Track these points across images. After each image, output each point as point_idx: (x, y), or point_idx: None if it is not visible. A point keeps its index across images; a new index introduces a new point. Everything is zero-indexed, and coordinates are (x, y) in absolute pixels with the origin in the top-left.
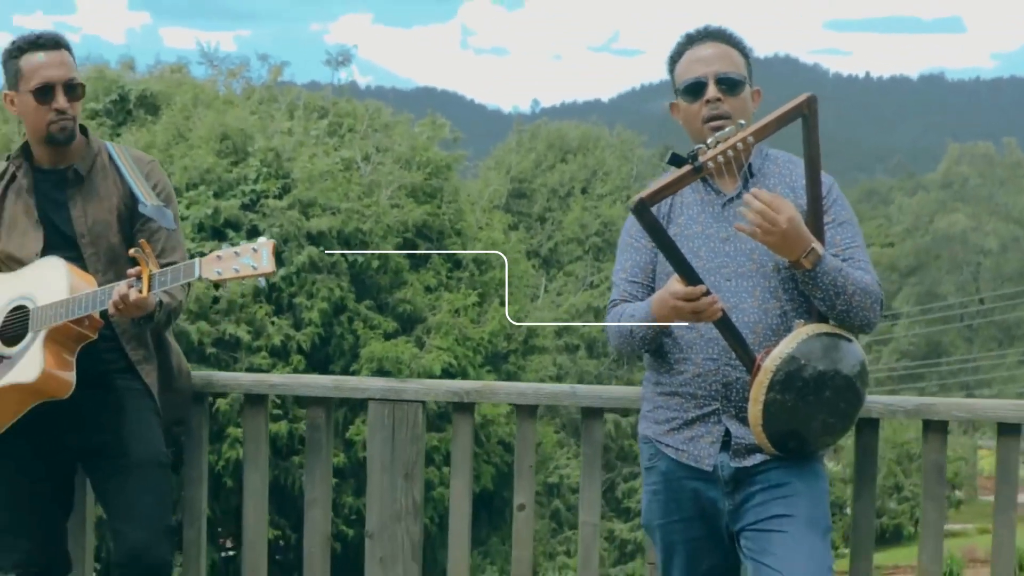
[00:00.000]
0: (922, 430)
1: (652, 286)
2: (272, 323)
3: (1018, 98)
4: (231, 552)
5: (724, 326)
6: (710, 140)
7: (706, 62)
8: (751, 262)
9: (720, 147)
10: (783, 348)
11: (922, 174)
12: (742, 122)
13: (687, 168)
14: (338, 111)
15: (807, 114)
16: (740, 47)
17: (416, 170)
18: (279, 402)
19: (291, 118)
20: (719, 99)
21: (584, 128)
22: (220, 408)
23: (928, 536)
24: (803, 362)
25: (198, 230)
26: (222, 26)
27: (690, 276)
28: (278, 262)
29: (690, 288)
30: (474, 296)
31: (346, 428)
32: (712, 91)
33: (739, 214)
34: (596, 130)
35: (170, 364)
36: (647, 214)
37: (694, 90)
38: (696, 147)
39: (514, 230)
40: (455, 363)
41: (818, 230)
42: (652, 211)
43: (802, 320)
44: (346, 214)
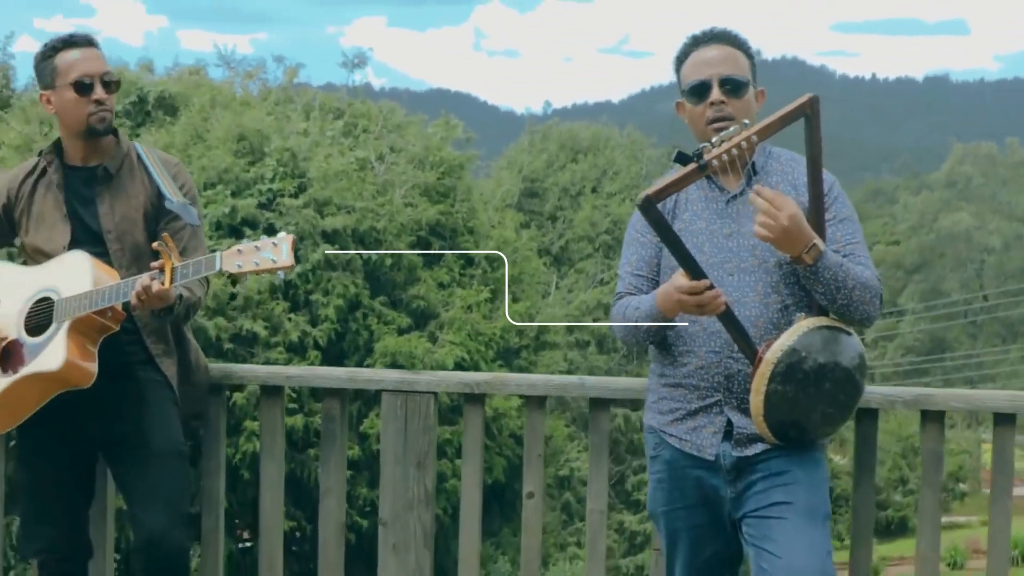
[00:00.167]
0: (920, 420)
1: (657, 279)
2: (289, 319)
3: (1021, 99)
4: (248, 543)
5: (727, 319)
6: (715, 139)
7: (711, 64)
8: (753, 257)
9: (724, 146)
10: (784, 341)
11: (926, 173)
12: (746, 121)
13: (692, 166)
14: (353, 112)
15: (809, 114)
16: (745, 49)
17: (429, 170)
18: (295, 396)
19: (307, 119)
20: (723, 101)
21: (595, 129)
22: (237, 402)
23: (926, 524)
24: (804, 354)
25: (216, 228)
26: (238, 29)
27: (694, 271)
28: (296, 258)
29: (694, 282)
30: (486, 292)
31: (360, 421)
32: (716, 93)
33: (743, 211)
34: (606, 130)
35: (188, 359)
36: (653, 210)
37: (699, 92)
38: (701, 146)
39: (526, 228)
40: (467, 358)
41: (819, 226)
42: (658, 208)
43: (803, 314)
44: (360, 213)
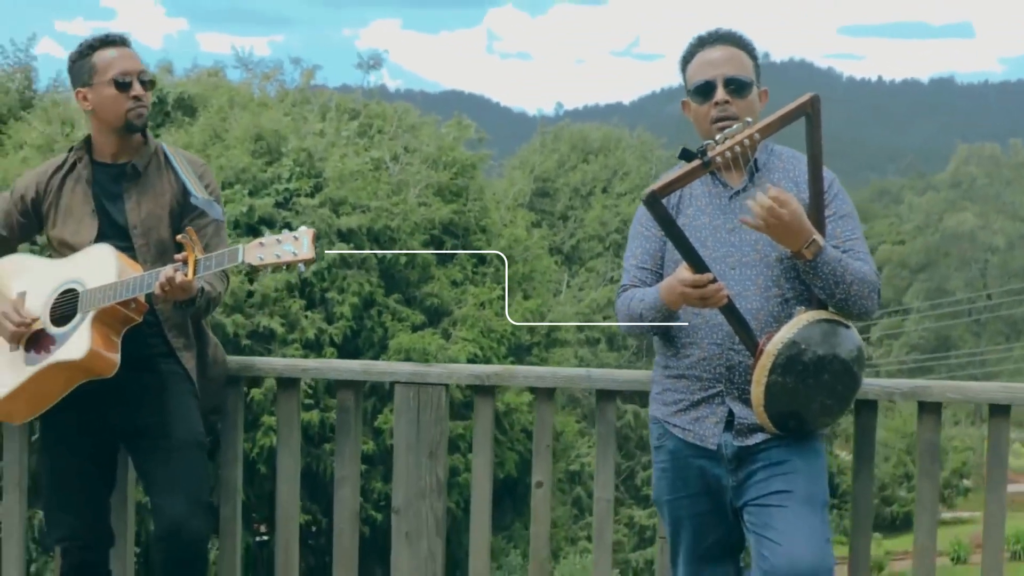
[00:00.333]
0: (917, 412)
1: (661, 272)
2: (305, 316)
3: None
4: (264, 537)
5: (729, 312)
6: (718, 136)
7: (715, 65)
8: (755, 252)
9: (728, 143)
10: (784, 333)
11: (932, 174)
12: (749, 119)
13: (696, 163)
14: (368, 113)
15: (810, 113)
16: (749, 49)
17: (443, 170)
18: (311, 392)
19: (323, 120)
20: (727, 101)
21: (605, 130)
22: (254, 398)
23: (924, 513)
24: (803, 347)
25: (233, 227)
26: (256, 31)
27: (697, 264)
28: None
29: (697, 275)
30: (498, 290)
31: (375, 417)
32: (720, 93)
33: (745, 207)
34: (617, 132)
35: (206, 353)
36: (658, 205)
37: (704, 91)
38: (705, 143)
39: (537, 227)
40: (480, 354)
41: (819, 223)
42: (662, 203)
43: (803, 307)
44: (375, 212)
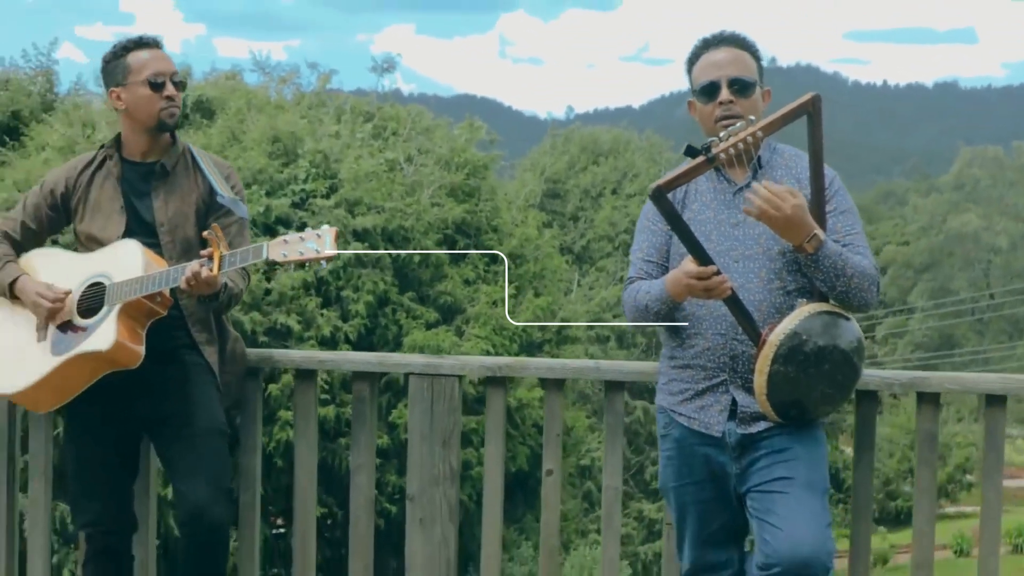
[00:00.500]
0: (916, 402)
1: (666, 265)
2: (321, 314)
3: None
4: (281, 529)
5: (733, 303)
6: (722, 134)
7: (719, 66)
8: (758, 246)
9: (731, 140)
10: (787, 324)
11: (936, 176)
12: (752, 118)
13: (701, 159)
14: (383, 115)
15: (811, 112)
16: (752, 51)
17: (455, 171)
18: (327, 387)
19: (338, 122)
20: (731, 100)
21: (615, 132)
22: (271, 393)
23: (922, 498)
24: (805, 337)
25: (251, 226)
26: (273, 36)
27: (702, 257)
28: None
29: (702, 268)
30: (511, 289)
31: (389, 412)
32: (725, 93)
33: (747, 199)
34: (627, 134)
35: (226, 348)
36: (663, 200)
37: (708, 92)
38: (709, 140)
39: (548, 227)
40: (492, 351)
41: (820, 218)
42: (668, 197)
43: (804, 299)
44: (390, 212)
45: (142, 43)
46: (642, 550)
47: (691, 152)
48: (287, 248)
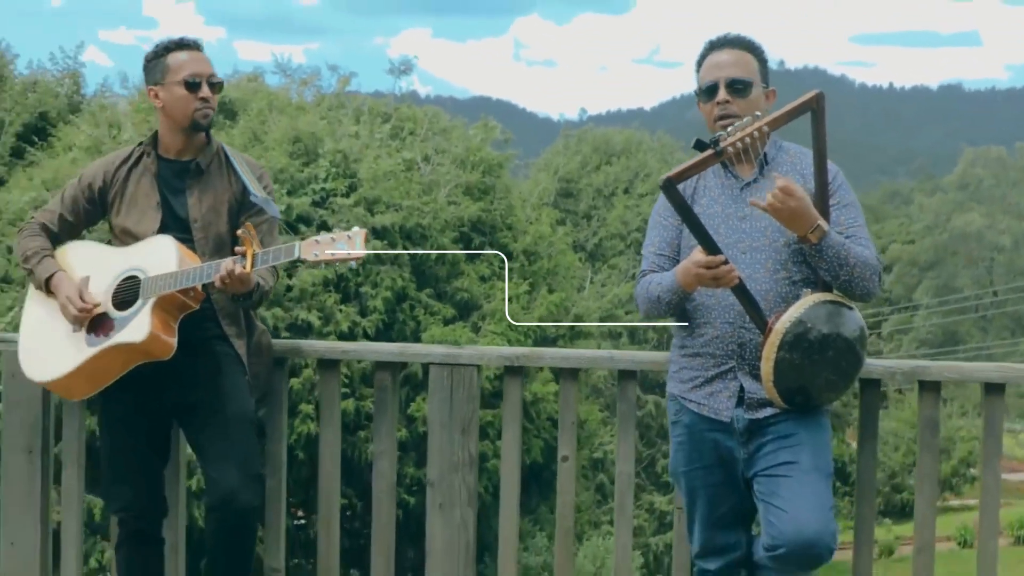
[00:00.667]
0: (918, 391)
1: (677, 259)
2: (340, 310)
3: None
4: (302, 521)
5: (740, 293)
6: (730, 128)
7: (720, 67)
8: (765, 238)
9: (738, 135)
10: (792, 313)
11: (940, 176)
12: (758, 113)
13: (709, 152)
14: (400, 116)
15: (815, 109)
16: (755, 52)
17: (471, 170)
18: (347, 381)
19: (357, 123)
20: (728, 101)
21: (627, 133)
22: (293, 387)
23: (924, 484)
24: (809, 325)
25: None
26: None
27: (711, 247)
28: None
29: (711, 257)
30: (525, 285)
31: (408, 405)
32: (722, 94)
33: (757, 192)
34: (638, 135)
35: (253, 341)
36: (673, 191)
37: (709, 92)
38: (717, 134)
39: (561, 224)
40: (508, 346)
41: (824, 211)
42: (678, 189)
43: (809, 289)
44: (407, 210)
45: (182, 44)
46: (653, 541)
47: (700, 146)
48: (318, 248)
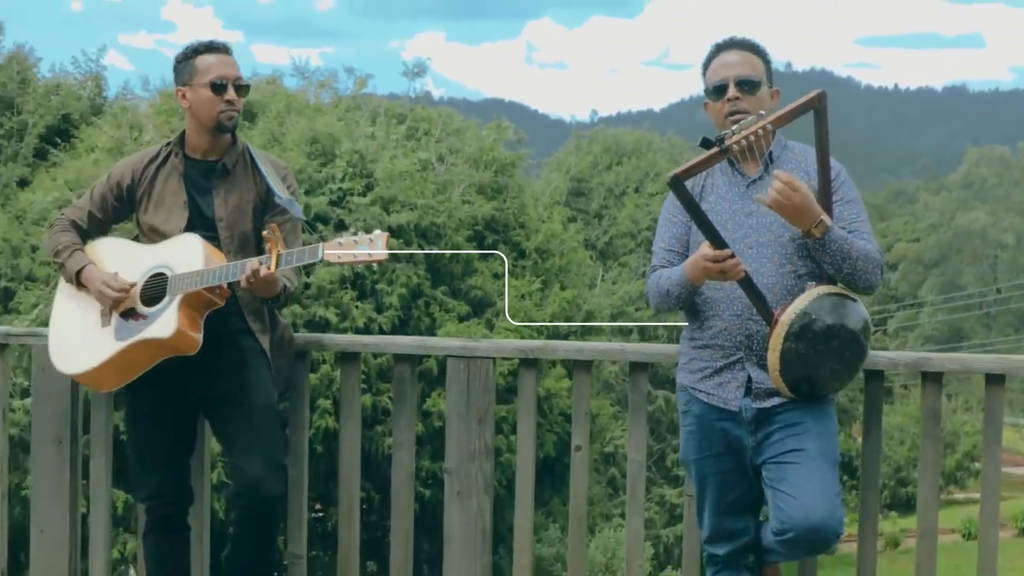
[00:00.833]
0: (920, 381)
1: (686, 254)
2: (356, 307)
3: None
4: (320, 514)
5: (747, 286)
6: (735, 127)
7: (729, 67)
8: (770, 233)
9: (743, 133)
10: (797, 305)
11: (945, 176)
12: (762, 112)
13: (715, 149)
14: (415, 117)
15: (818, 108)
16: (760, 53)
17: (484, 169)
18: (364, 375)
19: (373, 124)
20: (738, 97)
21: (637, 134)
22: (311, 382)
23: (927, 471)
24: (814, 317)
25: None
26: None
27: (718, 242)
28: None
29: (718, 252)
30: (537, 283)
31: (423, 400)
32: (732, 91)
33: (772, 183)
34: (648, 136)
35: (276, 335)
36: (681, 187)
37: (719, 91)
38: (723, 132)
39: (572, 223)
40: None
41: (827, 206)
42: (685, 185)
43: (814, 282)
44: (422, 209)
45: (211, 47)
46: (664, 533)
47: (706, 144)
48: (341, 250)
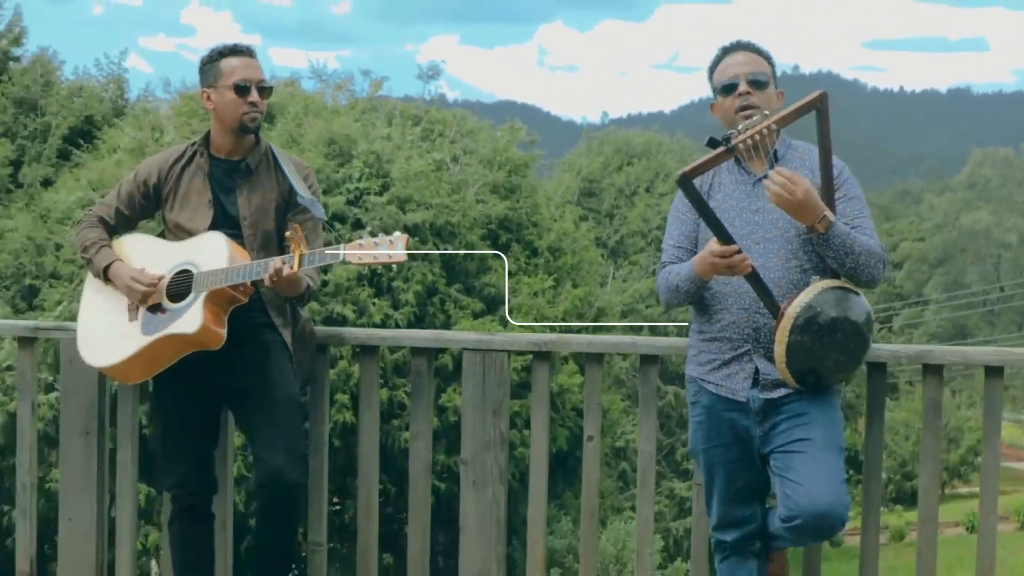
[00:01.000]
0: (922, 373)
1: (695, 251)
2: (373, 304)
3: None
4: (337, 507)
5: (754, 280)
6: (740, 127)
7: (738, 65)
8: (776, 229)
9: (749, 132)
10: (803, 298)
11: (949, 176)
12: (767, 112)
13: (721, 149)
14: (430, 119)
15: (820, 108)
16: (765, 55)
17: (498, 169)
18: (380, 371)
19: (389, 125)
20: (748, 92)
21: (648, 136)
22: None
23: (928, 461)
24: (819, 310)
25: None
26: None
27: (725, 238)
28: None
29: (725, 247)
30: (550, 280)
31: (438, 396)
32: (743, 86)
33: (766, 187)
34: (658, 137)
35: (297, 329)
36: (689, 186)
37: (729, 88)
38: (729, 132)
39: (584, 221)
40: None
41: (830, 203)
42: (694, 184)
43: (818, 277)
44: (437, 209)
45: (235, 51)
46: (673, 526)
47: (713, 143)
48: (362, 251)
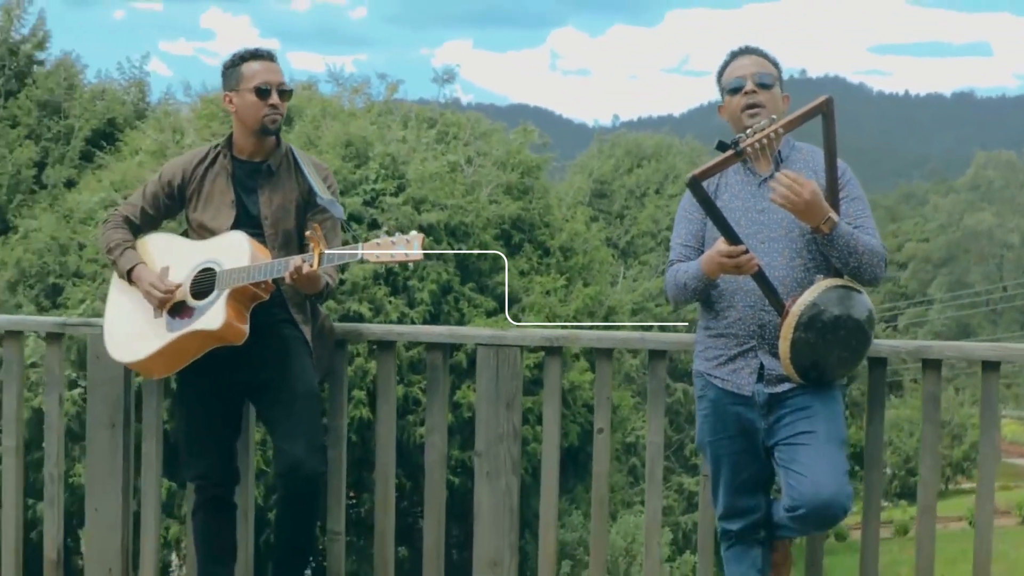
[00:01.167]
0: (921, 368)
1: (702, 250)
2: (389, 302)
3: None
4: (352, 501)
5: (759, 278)
6: (748, 131)
7: (746, 67)
8: (781, 229)
9: (756, 136)
10: (807, 296)
11: (953, 178)
12: (774, 116)
13: (729, 152)
14: (445, 121)
15: (826, 112)
16: (771, 59)
17: (511, 171)
18: (397, 367)
19: (405, 128)
20: (754, 92)
21: (658, 138)
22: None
23: (927, 453)
24: (822, 308)
25: None
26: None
27: (732, 238)
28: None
29: (732, 247)
30: (562, 280)
31: (453, 392)
32: (750, 86)
33: (771, 188)
34: (668, 140)
35: (317, 325)
36: (699, 188)
37: (737, 88)
38: (737, 136)
39: (595, 222)
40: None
41: (834, 203)
42: (703, 186)
43: (822, 275)
44: (452, 209)
45: (257, 55)
46: (683, 520)
47: (721, 147)
48: (379, 250)
